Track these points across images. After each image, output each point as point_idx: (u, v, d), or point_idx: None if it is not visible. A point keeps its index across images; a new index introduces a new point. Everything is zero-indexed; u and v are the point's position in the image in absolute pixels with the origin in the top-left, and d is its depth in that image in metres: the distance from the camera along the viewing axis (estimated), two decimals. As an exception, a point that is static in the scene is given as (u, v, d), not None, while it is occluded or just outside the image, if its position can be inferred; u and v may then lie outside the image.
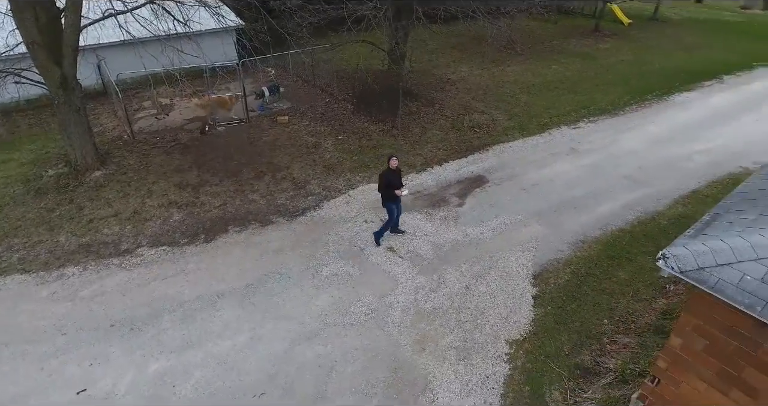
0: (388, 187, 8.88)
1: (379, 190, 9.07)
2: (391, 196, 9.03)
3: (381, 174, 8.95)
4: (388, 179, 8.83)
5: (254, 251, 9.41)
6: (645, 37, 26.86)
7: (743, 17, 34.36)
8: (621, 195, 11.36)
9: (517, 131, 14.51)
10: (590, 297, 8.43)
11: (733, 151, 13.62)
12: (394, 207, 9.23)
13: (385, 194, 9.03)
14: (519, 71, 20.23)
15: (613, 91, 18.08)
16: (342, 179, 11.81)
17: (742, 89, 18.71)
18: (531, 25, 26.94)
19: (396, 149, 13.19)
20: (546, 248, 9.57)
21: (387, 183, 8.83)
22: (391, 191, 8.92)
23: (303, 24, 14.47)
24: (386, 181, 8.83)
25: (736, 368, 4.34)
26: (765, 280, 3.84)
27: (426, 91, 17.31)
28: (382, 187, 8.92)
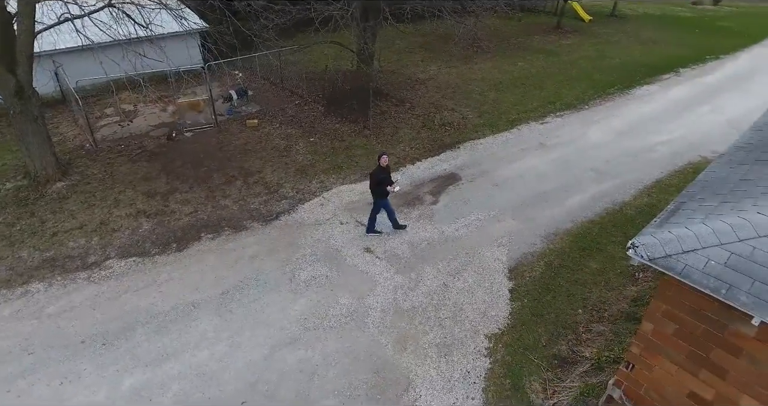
0: (380, 185, 9.01)
1: (371, 188, 9.18)
2: (384, 193, 9.17)
3: (372, 172, 9.07)
4: (379, 177, 8.95)
5: (229, 257, 9.25)
6: (605, 33, 27.68)
7: (694, 12, 35.82)
8: (589, 187, 11.67)
9: (487, 128, 14.72)
10: (564, 288, 8.63)
11: (691, 141, 14.17)
12: (386, 203, 9.42)
13: (376, 191, 9.16)
14: (486, 69, 20.53)
15: (577, 86, 18.56)
16: (315, 182, 11.73)
17: (697, 82, 19.50)
18: (496, 23, 27.33)
19: (368, 149, 13.20)
20: (520, 242, 9.74)
21: (378, 180, 8.95)
22: (383, 188, 9.06)
23: (269, 25, 14.30)
24: (377, 178, 8.95)
25: (705, 350, 4.51)
26: (728, 264, 4.01)
27: (396, 90, 17.37)
28: (374, 184, 9.02)
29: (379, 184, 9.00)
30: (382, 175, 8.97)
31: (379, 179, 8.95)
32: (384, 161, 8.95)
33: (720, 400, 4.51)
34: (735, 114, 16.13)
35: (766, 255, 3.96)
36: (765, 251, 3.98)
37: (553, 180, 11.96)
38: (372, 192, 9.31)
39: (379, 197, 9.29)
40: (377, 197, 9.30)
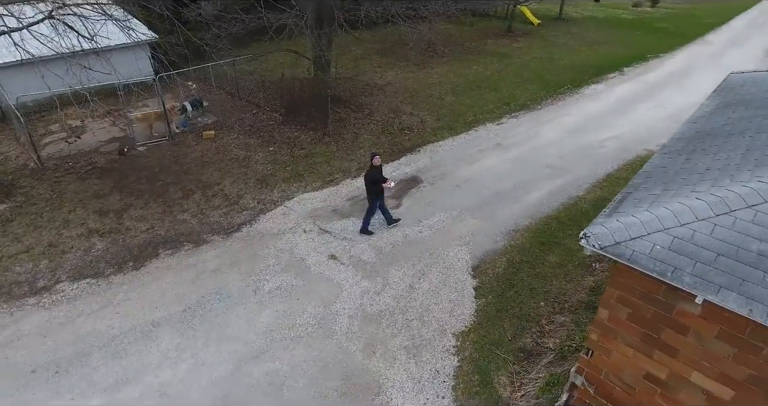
0: (375, 183, 9.34)
1: (367, 188, 9.50)
2: (378, 192, 9.49)
3: (366, 173, 9.42)
4: (374, 176, 9.30)
5: (189, 273, 8.99)
6: (554, 35, 28.73)
7: (634, 14, 37.73)
8: (545, 184, 12.03)
9: (445, 131, 14.96)
10: (526, 282, 8.85)
11: (637, 136, 14.87)
12: (381, 202, 9.77)
13: (372, 190, 9.44)
14: (442, 73, 20.89)
15: (530, 87, 19.15)
16: (277, 191, 11.59)
17: (640, 79, 20.50)
18: (449, 29, 27.97)
19: (329, 156, 13.17)
20: (482, 240, 9.92)
21: (374, 180, 9.28)
22: (379, 186, 9.40)
23: (221, 35, 14.09)
24: (372, 178, 9.28)
25: (656, 331, 4.72)
26: (672, 248, 4.22)
27: (355, 97, 17.42)
28: (369, 183, 9.34)
29: (374, 183, 9.34)
30: (376, 175, 9.34)
31: (373, 179, 9.29)
32: (377, 161, 9.36)
33: (673, 378, 4.72)
34: (675, 109, 17.03)
35: (705, 237, 4.20)
36: (704, 234, 4.22)
37: (511, 178, 12.27)
38: (367, 192, 9.57)
39: (374, 196, 9.58)
40: (372, 196, 9.59)
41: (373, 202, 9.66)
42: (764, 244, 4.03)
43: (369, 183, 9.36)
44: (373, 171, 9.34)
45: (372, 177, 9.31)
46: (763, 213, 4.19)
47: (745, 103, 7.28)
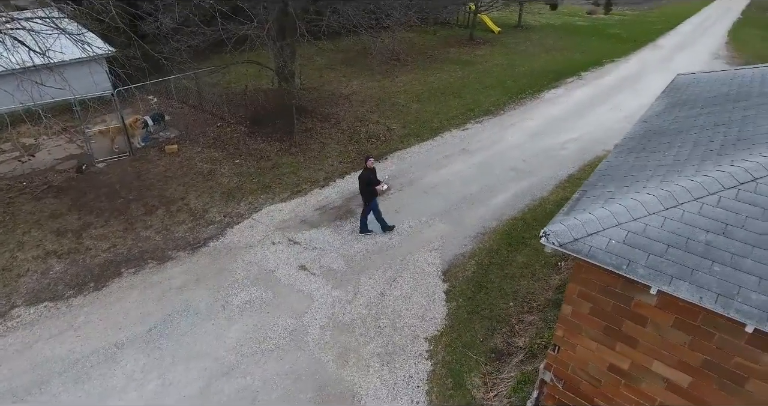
0: (369, 185, 9.57)
1: (361, 190, 9.72)
2: (373, 193, 9.73)
3: (360, 175, 9.63)
4: (369, 178, 9.53)
5: (154, 291, 8.73)
6: (514, 42, 29.58)
7: (589, 21, 39.26)
8: (511, 186, 12.29)
9: (412, 138, 15.12)
10: (495, 284, 8.98)
11: (596, 137, 15.40)
12: (375, 204, 9.95)
13: (366, 192, 9.67)
14: (407, 81, 21.16)
15: (492, 93, 19.60)
16: (244, 203, 11.43)
17: (597, 83, 21.30)
18: (412, 37, 28.41)
19: (296, 167, 13.09)
20: (451, 244, 10.03)
21: (368, 181, 9.51)
22: (373, 188, 9.65)
23: (181, 48, 13.89)
24: (366, 179, 9.51)
25: (617, 324, 4.87)
26: (626, 241, 4.38)
27: (320, 107, 17.43)
28: (363, 185, 9.55)
29: (368, 185, 9.54)
30: (370, 176, 9.54)
31: (367, 180, 9.49)
32: (371, 163, 9.59)
33: (635, 368, 4.87)
34: (630, 110, 17.74)
35: (656, 230, 4.38)
36: (655, 227, 4.40)
37: (478, 182, 12.48)
38: (362, 193, 9.80)
39: (369, 198, 9.79)
40: (367, 198, 9.79)
41: (371, 202, 9.89)
42: (711, 234, 4.23)
43: (363, 184, 9.57)
44: (367, 173, 9.57)
45: (366, 178, 9.53)
46: (708, 205, 4.40)
47: (691, 102, 7.67)
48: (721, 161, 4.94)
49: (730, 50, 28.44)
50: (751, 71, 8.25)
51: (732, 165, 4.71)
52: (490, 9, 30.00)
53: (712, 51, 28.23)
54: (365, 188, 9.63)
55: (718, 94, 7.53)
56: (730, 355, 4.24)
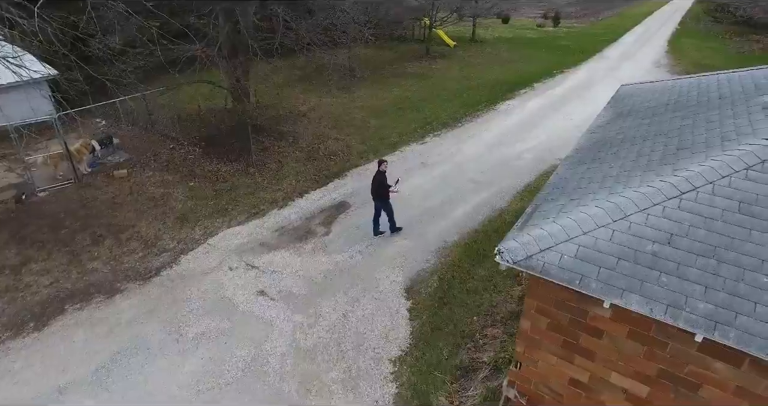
0: (382, 186, 9.91)
1: (373, 192, 10.05)
2: (385, 195, 10.04)
3: (374, 177, 9.95)
4: (381, 180, 9.85)
5: (102, 328, 8.20)
6: (469, 56, 30.25)
7: (539, 34, 40.73)
8: (470, 198, 12.38)
9: (371, 154, 15.06)
10: (458, 299, 8.93)
11: (550, 146, 15.79)
12: (388, 205, 10.27)
13: (379, 193, 9.98)
14: (365, 96, 21.19)
15: (449, 106, 19.87)
16: (198, 228, 11.00)
17: (549, 93, 21.97)
18: (369, 53, 28.60)
19: (254, 188, 12.76)
20: (413, 260, 9.95)
21: (381, 184, 9.86)
22: (386, 190, 9.96)
23: (127, 69, 13.41)
24: (380, 182, 9.85)
25: (575, 337, 4.87)
26: (578, 256, 4.39)
27: (278, 125, 17.17)
28: (377, 187, 9.90)
29: (381, 186, 9.89)
30: (383, 179, 9.86)
31: (380, 183, 9.84)
32: (384, 167, 9.91)
33: (594, 380, 4.87)
34: (581, 119, 18.31)
35: (606, 243, 4.41)
36: (604, 240, 4.44)
37: (438, 196, 12.50)
38: (374, 195, 10.09)
39: (381, 200, 10.11)
40: (379, 200, 10.12)
41: (386, 203, 10.21)
42: (657, 245, 4.30)
43: (377, 186, 9.90)
44: (380, 176, 9.86)
45: (379, 181, 9.86)
46: (654, 216, 4.48)
47: (634, 112, 7.93)
48: (663, 171, 5.07)
49: (670, 59, 30.01)
50: (688, 81, 8.64)
51: (674, 175, 4.84)
52: (444, 24, 30.63)
53: (653, 60, 29.72)
54: (378, 190, 9.95)
55: (658, 104, 7.83)
56: (683, 363, 4.28)
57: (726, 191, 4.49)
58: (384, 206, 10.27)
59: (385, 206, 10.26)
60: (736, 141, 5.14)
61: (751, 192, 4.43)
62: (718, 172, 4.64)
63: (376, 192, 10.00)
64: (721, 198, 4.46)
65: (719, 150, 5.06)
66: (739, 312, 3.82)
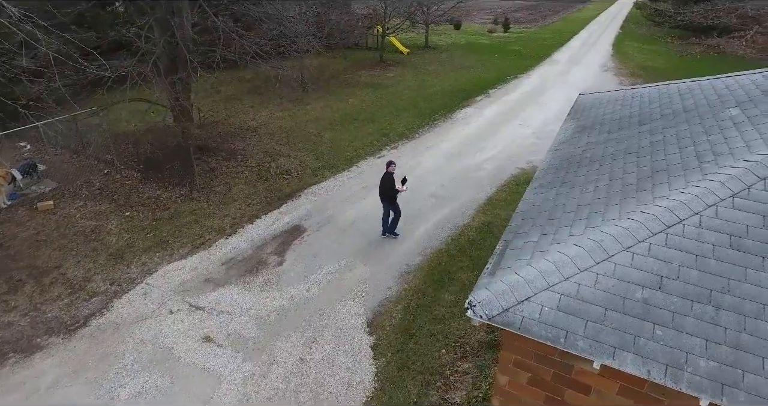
0: (391, 188, 10.01)
1: (382, 194, 10.17)
2: (393, 196, 10.19)
3: (383, 178, 10.07)
4: (389, 182, 9.95)
5: (17, 395, 7.01)
6: (423, 63, 30.01)
7: (491, 39, 41.19)
8: (432, 215, 11.81)
9: (326, 170, 14.28)
10: (425, 329, 8.28)
11: (510, 155, 15.53)
12: (396, 206, 10.43)
13: (389, 194, 10.12)
14: (319, 108, 20.38)
15: (405, 116, 19.37)
16: (135, 266, 9.87)
17: (504, 100, 21.90)
18: (322, 62, 27.85)
19: (199, 214, 11.70)
20: (375, 288, 9.23)
21: (391, 185, 9.96)
22: (394, 191, 10.06)
23: (49, 89, 12.07)
24: (388, 183, 9.96)
25: (559, 393, 4.29)
26: (560, 307, 3.81)
27: (225, 142, 16.11)
28: (387, 188, 9.99)
29: (390, 188, 9.98)
30: (391, 180, 9.93)
31: (390, 185, 9.93)
32: (392, 169, 9.97)
33: (584, 444, 4.30)
34: (537, 125, 18.32)
35: (590, 290, 3.85)
36: (588, 286, 3.88)
37: (399, 214, 11.86)
38: (382, 196, 10.23)
39: (389, 201, 10.23)
40: (387, 200, 10.22)
41: (394, 205, 10.35)
42: (647, 290, 3.77)
43: (387, 188, 9.98)
44: (389, 177, 9.95)
45: (388, 182, 9.96)
46: (639, 255, 3.97)
47: (597, 126, 7.56)
48: (642, 199, 4.59)
49: (615, 62, 30.85)
50: (647, 91, 8.40)
51: (655, 204, 4.36)
52: (397, 31, 30.29)
53: (600, 64, 30.46)
54: (387, 192, 10.05)
55: (621, 117, 7.49)
56: (683, 424, 3.76)
57: (714, 223, 4.04)
58: (391, 207, 10.39)
59: (393, 207, 10.38)
60: (714, 163, 4.74)
61: (740, 223, 3.99)
62: (702, 200, 4.19)
63: (385, 194, 10.12)
64: (710, 231, 4.00)
65: (698, 173, 4.65)
66: (746, 370, 3.32)
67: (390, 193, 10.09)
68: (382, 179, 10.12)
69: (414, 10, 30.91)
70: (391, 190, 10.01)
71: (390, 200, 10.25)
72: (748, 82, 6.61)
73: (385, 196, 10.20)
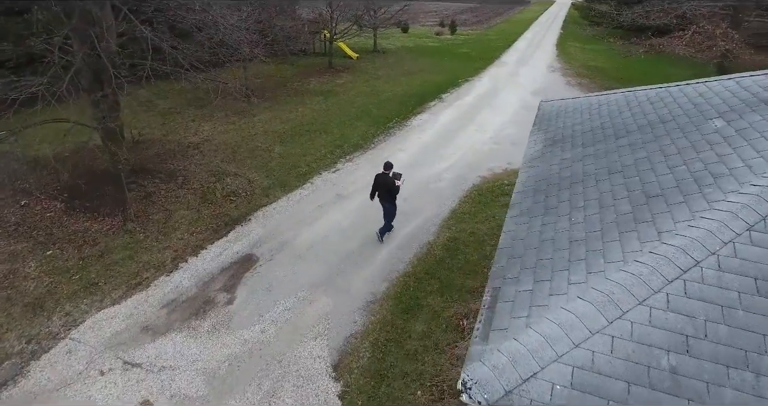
0: (394, 190, 10.07)
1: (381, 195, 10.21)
2: (393, 196, 10.23)
3: (382, 180, 10.07)
4: (386, 180, 9.97)
5: None
6: (373, 68, 29.32)
7: (439, 42, 41.17)
8: (395, 234, 11.06)
9: (278, 189, 13.22)
10: (397, 368, 7.49)
11: (469, 162, 15.06)
12: (395, 206, 10.49)
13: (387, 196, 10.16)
14: (267, 120, 19.20)
15: (359, 125, 18.56)
16: (58, 317, 8.48)
17: (459, 104, 21.54)
18: (268, 70, 26.60)
19: (134, 249, 10.37)
20: (339, 323, 8.35)
21: (390, 187, 9.98)
22: (396, 189, 10.11)
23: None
24: (385, 180, 9.98)
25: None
26: (574, 384, 3.10)
27: (164, 162, 14.67)
28: (391, 190, 10.04)
29: (393, 190, 10.05)
30: (387, 179, 9.96)
31: (389, 186, 9.97)
32: (391, 173, 10.02)
33: None
34: (493, 130, 18.04)
35: (607, 360, 3.17)
36: (604, 354, 3.19)
37: (359, 234, 11.04)
38: (380, 195, 10.25)
39: (390, 202, 10.26)
40: (389, 200, 10.22)
41: (394, 205, 10.38)
42: (673, 355, 3.12)
43: (392, 189, 10.02)
44: (389, 180, 9.97)
45: (384, 180, 9.98)
46: (658, 309, 3.33)
47: (569, 139, 7.04)
48: (645, 234, 3.99)
49: (561, 62, 31.42)
50: (614, 98, 8.00)
51: (662, 242, 3.76)
52: (345, 36, 29.43)
53: (547, 64, 30.93)
54: (389, 193, 10.08)
55: (593, 128, 7.01)
56: None
57: (734, 264, 3.48)
58: (391, 208, 10.41)
59: (393, 207, 10.42)
60: (716, 186, 4.22)
61: (763, 263, 3.45)
62: (717, 236, 3.63)
63: (389, 195, 10.13)
64: (732, 275, 3.43)
65: (702, 201, 4.10)
66: (804, 454, 2.73)
67: (394, 194, 10.17)
68: (380, 182, 10.13)
69: (361, 14, 30.19)
70: (395, 191, 10.12)
71: (392, 202, 10.32)
72: (722, 89, 6.27)
73: (387, 197, 10.22)
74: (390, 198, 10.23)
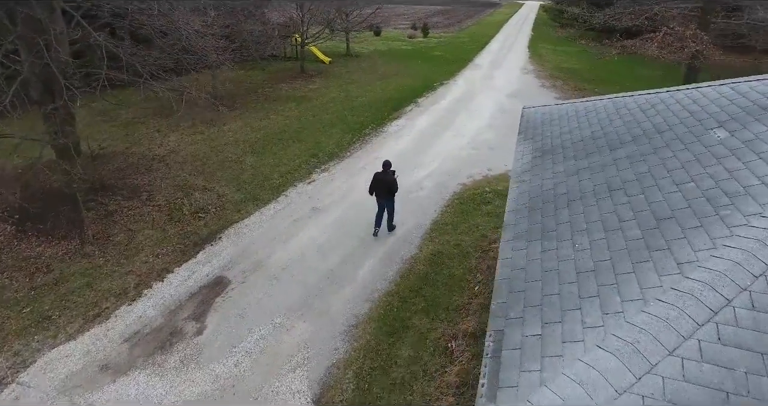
0: (395, 187, 10.37)
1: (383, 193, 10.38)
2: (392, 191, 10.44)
3: (381, 179, 10.31)
4: (386, 179, 10.23)
5: None
6: (346, 72, 28.76)
7: (412, 45, 40.90)
8: (375, 249, 10.51)
9: (250, 203, 12.50)
10: (384, 400, 6.94)
11: (448, 169, 14.65)
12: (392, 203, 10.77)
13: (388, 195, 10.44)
14: (237, 128, 18.40)
15: (334, 132, 17.97)
16: (5, 357, 7.60)
17: (435, 109, 21.17)
18: (238, 76, 25.78)
19: (93, 275, 9.52)
20: (319, 352, 7.74)
21: (391, 187, 10.28)
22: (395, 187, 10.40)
23: None
24: (384, 179, 10.24)
25: None
26: (600, 460, 2.61)
27: (127, 177, 13.75)
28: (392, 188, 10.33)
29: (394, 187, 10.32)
30: (386, 178, 10.21)
31: (390, 186, 10.23)
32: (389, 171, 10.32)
33: None
34: (471, 134, 17.71)
35: (637, 427, 2.69)
36: (633, 420, 2.71)
37: (338, 250, 10.45)
38: (379, 194, 10.44)
39: (391, 199, 10.55)
40: (389, 199, 10.50)
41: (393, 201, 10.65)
42: (715, 418, 2.67)
43: (393, 187, 10.27)
44: (389, 177, 10.21)
45: (384, 178, 10.21)
46: (691, 360, 2.87)
47: (559, 150, 6.64)
48: (662, 265, 3.55)
49: (534, 64, 31.53)
50: (602, 104, 7.66)
51: (685, 276, 3.32)
52: (317, 40, 28.78)
53: (520, 66, 30.97)
54: (387, 192, 10.31)
55: (584, 138, 6.62)
56: None
57: (769, 302, 3.06)
58: (392, 205, 10.71)
59: (393, 203, 10.70)
60: (734, 208, 3.83)
61: (801, 299, 3.04)
62: (746, 269, 3.21)
63: (389, 193, 10.35)
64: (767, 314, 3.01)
65: (721, 225, 3.70)
66: None
67: (394, 191, 10.42)
68: (380, 180, 10.31)
69: (333, 17, 29.58)
70: (394, 187, 10.33)
71: (392, 198, 10.60)
72: (717, 95, 5.96)
73: (387, 195, 10.43)
74: (390, 196, 10.49)
